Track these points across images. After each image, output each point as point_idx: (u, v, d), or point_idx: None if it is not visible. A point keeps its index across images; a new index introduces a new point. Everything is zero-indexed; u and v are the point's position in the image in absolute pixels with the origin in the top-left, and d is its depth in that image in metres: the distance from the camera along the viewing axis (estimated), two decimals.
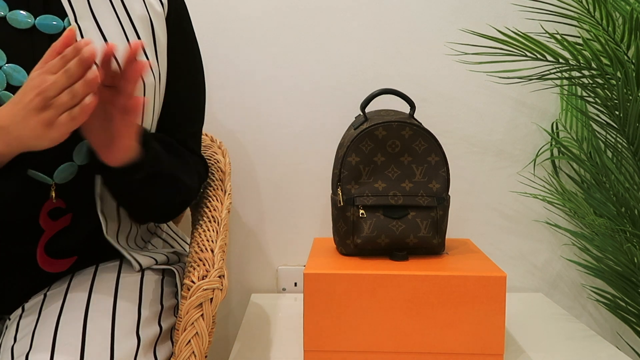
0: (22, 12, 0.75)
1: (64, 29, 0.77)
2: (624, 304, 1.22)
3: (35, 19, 0.75)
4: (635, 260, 1.16)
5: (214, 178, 1.01)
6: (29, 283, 0.81)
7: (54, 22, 0.76)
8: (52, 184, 0.77)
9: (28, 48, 0.75)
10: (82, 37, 0.77)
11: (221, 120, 1.30)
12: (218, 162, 1.07)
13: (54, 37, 0.76)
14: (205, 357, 0.79)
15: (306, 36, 1.29)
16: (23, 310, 0.79)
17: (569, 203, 1.21)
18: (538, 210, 1.34)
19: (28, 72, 0.73)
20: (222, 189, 0.98)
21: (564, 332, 1.09)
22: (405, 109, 1.26)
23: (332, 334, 0.92)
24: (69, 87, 0.62)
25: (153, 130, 0.87)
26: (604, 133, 1.22)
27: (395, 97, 1.05)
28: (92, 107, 0.64)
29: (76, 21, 0.78)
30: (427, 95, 1.30)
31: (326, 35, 1.29)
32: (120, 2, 0.83)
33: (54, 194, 0.77)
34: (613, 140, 1.17)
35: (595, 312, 1.36)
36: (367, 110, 1.09)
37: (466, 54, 1.28)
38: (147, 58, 0.83)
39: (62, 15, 0.77)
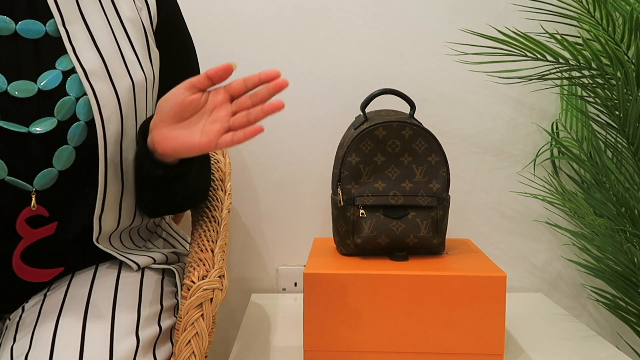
0: (2, 17, 0.73)
1: (46, 32, 0.76)
2: (624, 304, 1.22)
3: (17, 24, 0.74)
4: (635, 260, 1.16)
5: (214, 178, 1.01)
6: (21, 287, 0.81)
7: (36, 27, 0.75)
8: (33, 191, 0.74)
9: (12, 54, 0.73)
10: (70, 42, 0.76)
11: None
12: (218, 162, 1.07)
13: (39, 41, 0.75)
14: (205, 357, 0.79)
15: (306, 36, 1.29)
16: (23, 310, 0.79)
17: (569, 203, 1.21)
18: (538, 210, 1.34)
19: (10, 79, 0.72)
20: (222, 189, 0.98)
21: (564, 332, 1.09)
22: (405, 109, 1.26)
23: (332, 334, 0.92)
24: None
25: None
26: (604, 133, 1.22)
27: (395, 97, 1.05)
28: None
29: (63, 25, 0.76)
30: (427, 95, 1.30)
31: (326, 35, 1.29)
32: (110, 3, 0.82)
33: (34, 201, 0.75)
34: (613, 140, 1.17)
35: (595, 312, 1.36)
36: (367, 110, 1.09)
37: (466, 54, 1.28)
38: (138, 58, 0.82)
39: (49, 18, 0.76)
